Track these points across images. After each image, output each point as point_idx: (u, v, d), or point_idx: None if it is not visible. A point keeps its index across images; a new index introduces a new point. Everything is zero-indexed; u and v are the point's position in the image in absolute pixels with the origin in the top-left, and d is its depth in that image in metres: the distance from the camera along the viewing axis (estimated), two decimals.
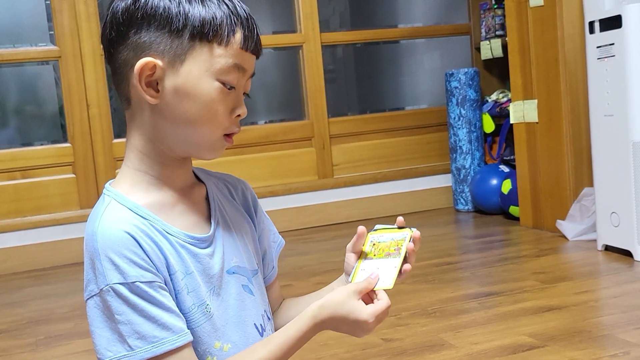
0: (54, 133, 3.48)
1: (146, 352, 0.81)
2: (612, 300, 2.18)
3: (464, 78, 3.73)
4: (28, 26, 3.43)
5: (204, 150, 0.91)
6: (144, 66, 0.85)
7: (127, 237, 0.83)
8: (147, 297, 0.82)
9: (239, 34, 0.87)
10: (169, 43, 0.85)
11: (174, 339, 0.82)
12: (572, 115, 2.95)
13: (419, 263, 2.77)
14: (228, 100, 0.89)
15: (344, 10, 4.17)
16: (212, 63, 0.86)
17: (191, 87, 0.86)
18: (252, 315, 0.95)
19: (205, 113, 0.87)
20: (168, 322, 0.82)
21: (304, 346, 0.90)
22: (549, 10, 2.98)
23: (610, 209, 2.63)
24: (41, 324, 2.42)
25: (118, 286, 0.81)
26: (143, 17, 0.85)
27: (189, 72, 0.86)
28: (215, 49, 0.86)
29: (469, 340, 1.88)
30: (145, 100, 0.87)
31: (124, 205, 0.87)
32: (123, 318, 0.81)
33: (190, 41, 0.85)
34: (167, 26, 0.85)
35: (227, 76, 0.87)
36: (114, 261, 0.82)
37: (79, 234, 3.33)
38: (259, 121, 3.82)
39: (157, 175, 0.91)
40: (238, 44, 0.87)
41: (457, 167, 3.82)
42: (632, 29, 2.46)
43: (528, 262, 2.71)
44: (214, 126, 0.88)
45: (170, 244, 0.88)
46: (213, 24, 0.86)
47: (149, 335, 0.81)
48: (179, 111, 0.87)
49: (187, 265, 0.89)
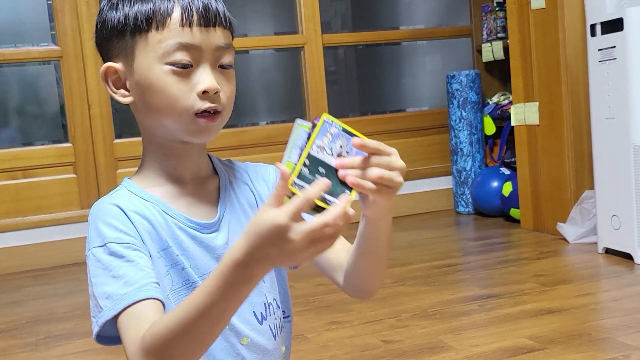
0: (55, 133, 3.48)
1: (110, 310, 0.81)
2: (612, 303, 2.18)
3: (465, 80, 3.73)
4: (30, 26, 3.43)
5: (184, 135, 0.91)
6: (105, 71, 0.92)
7: (116, 208, 0.88)
8: (120, 255, 0.84)
9: (176, 12, 0.87)
10: (119, 45, 0.91)
11: (134, 293, 0.81)
12: (573, 117, 2.95)
13: (420, 265, 2.77)
14: (186, 80, 0.88)
15: (345, 12, 4.17)
16: (155, 50, 0.87)
17: (145, 79, 0.89)
18: (253, 303, 0.94)
19: (165, 98, 0.88)
20: (132, 278, 0.82)
21: (303, 348, 0.89)
22: (550, 12, 2.98)
23: (611, 212, 2.62)
24: (41, 323, 2.42)
25: (96, 249, 0.85)
26: (102, 32, 0.93)
27: (139, 65, 0.89)
28: (154, 36, 0.87)
29: (468, 342, 1.88)
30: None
31: (131, 191, 0.92)
32: (97, 280, 0.84)
33: (132, 38, 0.89)
34: (113, 31, 0.90)
35: (173, 56, 0.87)
36: (98, 227, 0.87)
37: (80, 234, 3.33)
38: (261, 122, 3.82)
39: (165, 167, 0.94)
40: (177, 23, 0.87)
41: (458, 169, 3.82)
42: (633, 31, 2.46)
43: (528, 264, 2.71)
44: (179, 109, 0.88)
45: (167, 223, 0.90)
46: (146, 14, 0.87)
47: (114, 294, 0.82)
48: (147, 104, 0.90)
49: (184, 246, 0.90)
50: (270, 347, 0.96)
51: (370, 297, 0.97)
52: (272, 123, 3.83)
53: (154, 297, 0.81)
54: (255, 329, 0.94)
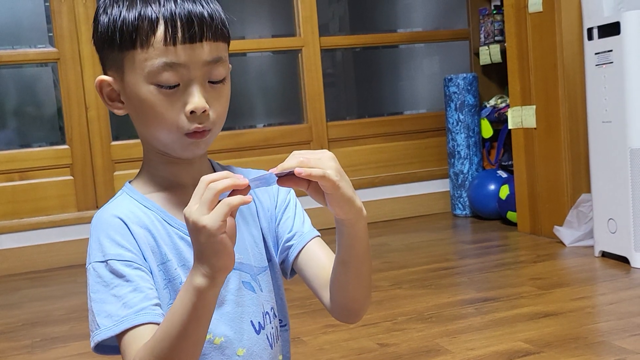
0: (52, 135, 3.48)
1: (109, 330, 0.83)
2: (608, 306, 2.18)
3: (463, 83, 3.73)
4: (27, 28, 3.43)
5: (173, 151, 0.90)
6: (100, 84, 0.91)
7: (117, 220, 0.87)
8: (120, 274, 0.84)
9: (160, 30, 0.83)
10: (111, 57, 0.89)
11: (132, 317, 0.82)
12: (570, 121, 2.95)
13: (416, 268, 2.77)
14: (174, 99, 0.85)
15: (343, 15, 4.17)
16: (141, 68, 0.85)
17: (135, 95, 0.87)
18: (250, 312, 0.94)
19: (152, 118, 0.87)
20: (131, 301, 0.83)
21: (299, 351, 0.89)
22: (547, 16, 2.98)
23: (607, 216, 2.63)
24: (37, 326, 2.42)
25: (97, 264, 0.85)
26: (97, 38, 0.90)
27: (128, 82, 0.87)
28: (139, 55, 0.84)
29: (465, 345, 1.88)
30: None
31: (133, 197, 0.91)
32: (96, 296, 0.84)
33: (120, 52, 0.86)
34: (105, 42, 0.88)
35: (159, 77, 0.84)
36: (100, 241, 0.86)
37: (77, 236, 3.33)
38: (258, 124, 3.82)
39: (165, 174, 0.93)
40: (160, 41, 0.83)
41: (455, 172, 3.82)
42: (630, 35, 2.47)
43: (525, 267, 2.71)
44: (167, 128, 0.87)
45: (168, 234, 0.90)
46: (129, 30, 0.84)
47: (114, 314, 0.83)
48: (139, 118, 0.89)
49: (184, 257, 0.90)
50: (267, 356, 0.95)
51: (357, 320, 0.96)
52: (269, 126, 3.83)
53: (151, 321, 0.83)
54: (252, 339, 0.93)
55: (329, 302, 0.94)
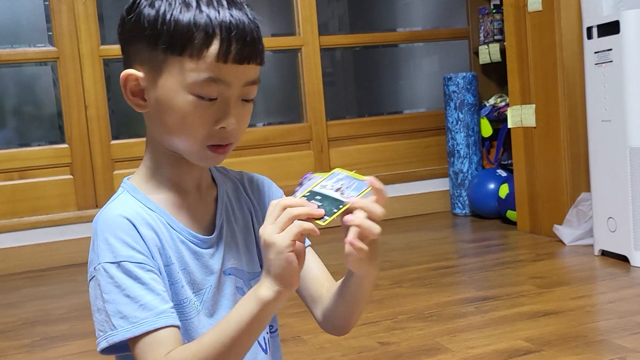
0: (52, 134, 3.48)
1: (127, 332, 0.82)
2: (608, 305, 2.18)
3: (462, 82, 3.73)
4: (27, 27, 3.43)
5: (190, 158, 0.90)
6: (127, 77, 0.88)
7: (125, 221, 0.86)
8: (134, 276, 0.83)
9: (214, 45, 0.83)
10: (148, 55, 0.86)
11: (152, 320, 0.82)
12: (569, 120, 2.96)
13: (416, 266, 2.77)
14: (209, 112, 0.86)
15: (343, 14, 4.17)
16: (184, 77, 0.84)
17: (167, 100, 0.86)
18: None
19: (181, 126, 0.86)
20: (150, 303, 0.83)
21: (299, 350, 0.90)
22: (547, 15, 2.98)
23: (607, 214, 2.63)
24: (37, 325, 2.42)
25: (108, 265, 0.84)
26: (132, 28, 0.87)
27: (164, 84, 0.86)
28: (186, 63, 0.83)
29: (465, 344, 1.88)
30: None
31: (135, 197, 0.90)
32: (109, 297, 0.83)
33: (164, 54, 0.84)
34: (146, 37, 0.85)
35: (201, 90, 0.84)
36: (109, 241, 0.85)
37: (76, 235, 3.33)
38: (258, 123, 3.82)
39: (169, 174, 0.93)
40: (212, 57, 0.83)
41: (455, 171, 3.82)
42: (630, 34, 2.47)
43: (525, 266, 2.71)
44: (192, 138, 0.87)
45: (171, 237, 0.90)
46: (184, 37, 0.83)
47: (130, 316, 0.82)
48: (161, 121, 0.88)
49: (185, 261, 0.90)
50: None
51: (345, 334, 1.00)
52: (269, 125, 3.83)
53: (172, 324, 0.84)
54: None
55: (320, 317, 0.99)
